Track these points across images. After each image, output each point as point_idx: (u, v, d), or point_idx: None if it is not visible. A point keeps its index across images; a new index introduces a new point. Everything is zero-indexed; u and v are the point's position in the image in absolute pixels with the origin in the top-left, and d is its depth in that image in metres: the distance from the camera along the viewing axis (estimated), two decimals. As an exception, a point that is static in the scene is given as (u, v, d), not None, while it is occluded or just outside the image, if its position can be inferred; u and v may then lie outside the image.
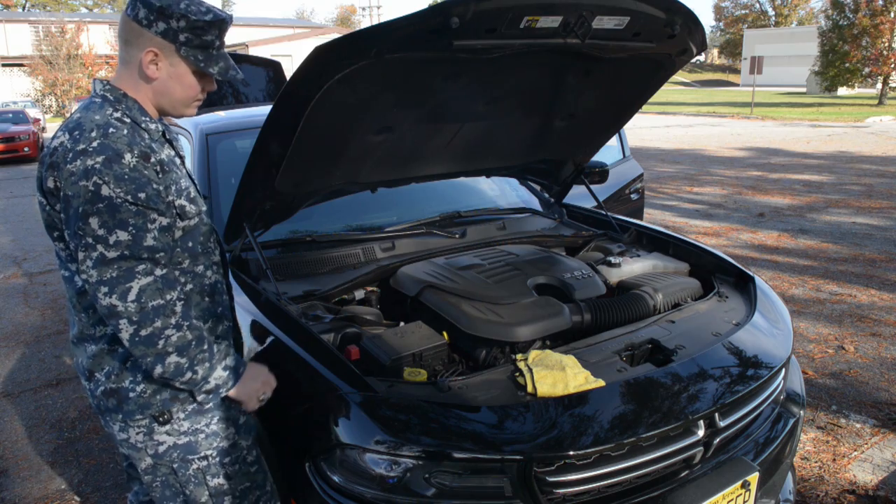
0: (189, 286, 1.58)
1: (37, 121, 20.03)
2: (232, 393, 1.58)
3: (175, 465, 1.60)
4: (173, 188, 1.50)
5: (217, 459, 1.63)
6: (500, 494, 1.59)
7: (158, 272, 1.42)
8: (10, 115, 17.90)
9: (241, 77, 1.54)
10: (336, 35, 1.78)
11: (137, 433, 1.56)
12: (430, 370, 1.91)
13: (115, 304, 1.38)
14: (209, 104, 3.91)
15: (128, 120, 1.47)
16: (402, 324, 2.17)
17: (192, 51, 1.48)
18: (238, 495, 1.68)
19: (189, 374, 1.47)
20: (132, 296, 1.38)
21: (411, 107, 2.22)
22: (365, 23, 61.62)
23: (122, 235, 1.38)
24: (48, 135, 23.40)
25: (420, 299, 2.24)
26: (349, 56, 1.77)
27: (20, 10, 53.17)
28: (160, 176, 1.47)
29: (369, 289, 2.44)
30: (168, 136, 1.60)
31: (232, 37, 42.83)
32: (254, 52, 31.44)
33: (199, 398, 1.55)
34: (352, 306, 2.32)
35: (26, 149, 16.11)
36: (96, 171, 1.36)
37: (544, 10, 1.83)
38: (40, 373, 4.14)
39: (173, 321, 1.42)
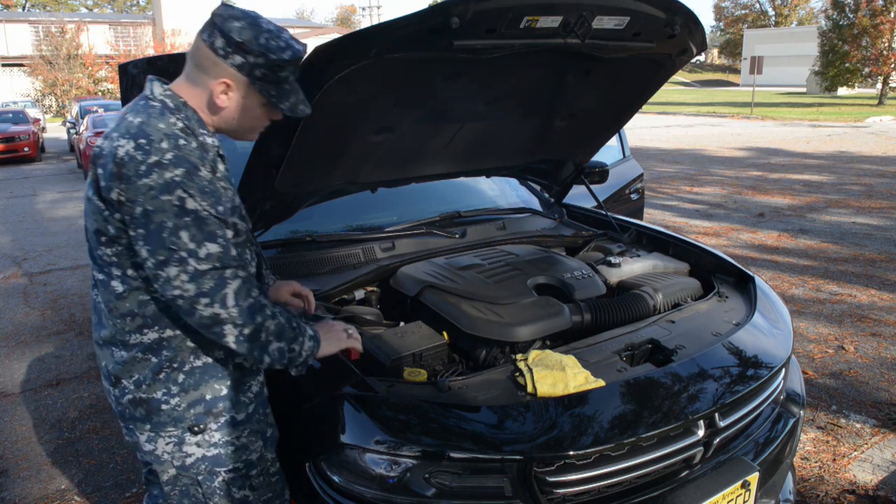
0: None
1: (37, 121, 20.04)
2: (319, 354, 1.61)
3: (200, 478, 1.58)
4: (229, 205, 1.49)
5: (244, 471, 1.62)
6: (500, 494, 1.59)
7: (242, 273, 1.44)
8: (10, 115, 17.90)
9: (309, 112, 1.52)
10: (336, 35, 1.79)
11: (167, 444, 1.54)
12: (430, 370, 1.91)
13: (219, 312, 1.39)
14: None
15: (190, 132, 1.45)
16: (402, 324, 2.17)
17: (266, 86, 1.45)
18: None
19: (289, 355, 1.51)
20: (231, 300, 1.40)
21: (411, 107, 2.22)
22: (365, 23, 61.63)
23: (213, 248, 1.38)
24: (48, 135, 23.40)
25: (420, 299, 2.24)
26: (349, 56, 1.77)
27: (20, 10, 53.18)
28: (223, 191, 1.47)
29: (369, 289, 2.44)
30: (221, 153, 1.56)
31: (232, 37, 42.79)
32: (254, 52, 31.33)
33: (293, 372, 1.57)
34: (352, 306, 2.32)
35: (26, 149, 16.11)
36: (179, 184, 1.35)
37: (544, 10, 1.83)
38: (40, 373, 4.14)
39: (268, 312, 1.46)
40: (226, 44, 1.40)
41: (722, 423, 1.80)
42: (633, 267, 2.60)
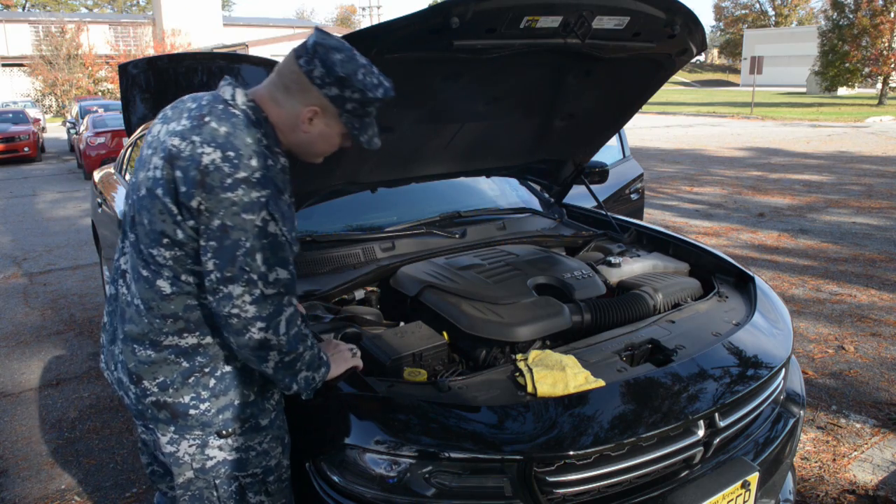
0: None
1: (37, 121, 20.05)
2: (328, 378, 1.62)
3: (217, 481, 1.56)
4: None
5: (262, 477, 1.61)
6: (500, 494, 1.59)
7: (295, 301, 1.45)
8: (10, 115, 17.90)
9: (380, 146, 1.53)
10: (336, 35, 1.79)
11: (190, 446, 1.53)
12: (430, 370, 1.91)
13: (270, 338, 1.39)
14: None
15: (271, 151, 1.42)
16: (402, 324, 2.18)
17: (352, 119, 1.46)
18: None
19: (312, 383, 1.54)
20: (283, 328, 1.40)
21: (411, 107, 2.22)
22: (365, 23, 61.62)
23: (283, 274, 1.38)
24: (48, 135, 23.39)
25: (420, 299, 2.24)
26: (349, 56, 1.77)
27: (20, 10, 53.20)
28: (293, 215, 1.46)
29: (369, 289, 2.44)
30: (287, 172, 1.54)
31: (232, 37, 42.82)
32: (254, 52, 31.42)
33: (304, 396, 1.58)
34: (352, 306, 2.32)
35: (26, 149, 16.10)
36: (264, 206, 1.33)
37: (544, 10, 1.83)
38: (40, 373, 4.14)
39: (309, 342, 1.48)
40: (325, 74, 1.39)
41: (722, 423, 1.80)
42: (633, 267, 2.60)
